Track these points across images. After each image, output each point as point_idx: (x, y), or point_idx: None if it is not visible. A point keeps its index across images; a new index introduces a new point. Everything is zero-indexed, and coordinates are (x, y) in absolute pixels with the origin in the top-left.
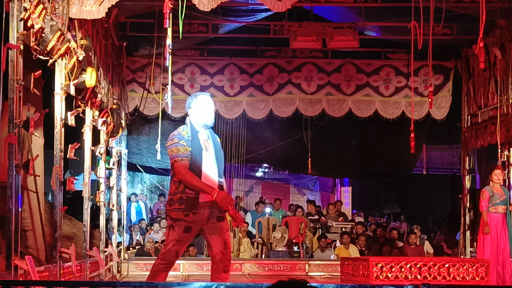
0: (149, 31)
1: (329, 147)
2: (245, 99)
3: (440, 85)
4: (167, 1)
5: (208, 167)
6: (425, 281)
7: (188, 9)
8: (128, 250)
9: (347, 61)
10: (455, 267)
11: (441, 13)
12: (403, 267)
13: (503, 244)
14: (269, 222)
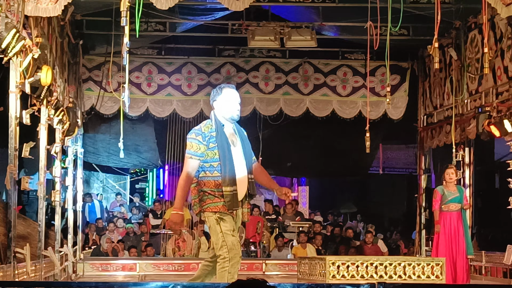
0: (106, 30)
1: (285, 147)
2: (203, 99)
3: (397, 85)
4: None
5: (238, 163)
6: (381, 280)
7: (145, 7)
8: (83, 250)
9: (304, 60)
10: (410, 266)
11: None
12: (359, 266)
13: (456, 242)
14: None
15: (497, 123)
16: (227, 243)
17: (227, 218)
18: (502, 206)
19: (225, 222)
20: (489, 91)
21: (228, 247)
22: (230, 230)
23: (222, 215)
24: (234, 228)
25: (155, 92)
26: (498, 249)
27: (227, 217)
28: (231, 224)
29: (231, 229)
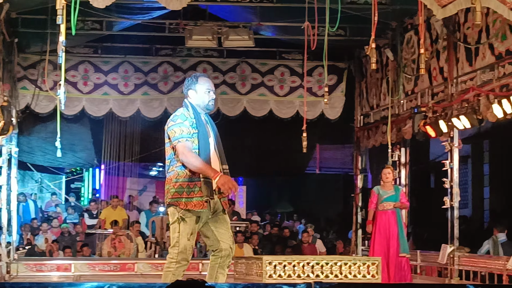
0: (41, 28)
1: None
2: (140, 98)
3: (334, 85)
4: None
5: (212, 153)
6: (317, 280)
7: (82, 5)
8: (18, 250)
9: (242, 60)
10: (347, 266)
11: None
12: (296, 265)
13: (391, 241)
14: (162, 222)
15: (433, 124)
16: (180, 245)
17: (188, 220)
18: (437, 205)
19: (185, 223)
20: (425, 92)
21: (179, 249)
22: (188, 233)
23: (186, 215)
24: (194, 232)
25: (91, 91)
26: (433, 249)
27: (190, 218)
28: (191, 227)
29: (189, 232)
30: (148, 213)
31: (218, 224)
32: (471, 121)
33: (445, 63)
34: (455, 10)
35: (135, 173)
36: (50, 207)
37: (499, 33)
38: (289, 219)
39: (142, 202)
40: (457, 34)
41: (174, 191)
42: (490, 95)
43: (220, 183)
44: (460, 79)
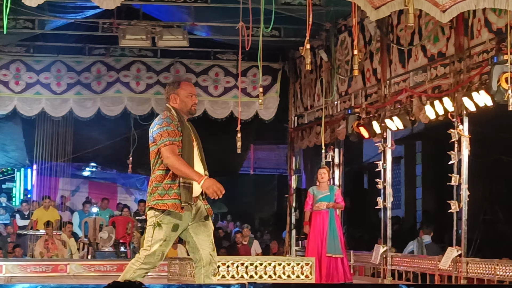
0: None
1: None
2: (73, 97)
3: (268, 86)
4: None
5: (195, 158)
6: (251, 280)
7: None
8: None
9: (176, 60)
10: (281, 266)
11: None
12: (230, 266)
13: (323, 241)
14: (95, 222)
15: (366, 125)
16: (150, 249)
17: (164, 226)
18: (370, 206)
19: (160, 229)
20: (359, 93)
21: (149, 252)
22: (161, 239)
23: (163, 221)
24: (168, 239)
25: (23, 91)
26: (366, 249)
27: (166, 225)
28: (165, 234)
29: (163, 239)
30: (81, 213)
31: (199, 231)
32: (404, 122)
33: (379, 65)
34: (388, 12)
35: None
36: None
37: (432, 35)
38: (223, 219)
39: (74, 202)
40: (390, 35)
41: (156, 194)
42: (422, 97)
43: (205, 186)
44: (393, 80)
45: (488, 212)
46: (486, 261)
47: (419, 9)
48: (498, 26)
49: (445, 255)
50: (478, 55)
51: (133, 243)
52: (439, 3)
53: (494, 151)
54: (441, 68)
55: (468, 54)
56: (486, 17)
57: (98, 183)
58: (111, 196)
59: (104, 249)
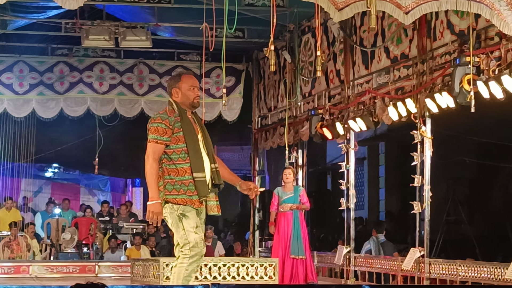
0: None
1: (120, 147)
2: (35, 98)
3: (232, 87)
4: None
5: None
6: (215, 281)
7: None
8: None
9: (139, 61)
10: (244, 267)
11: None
12: None
13: (286, 242)
14: (58, 223)
15: (330, 126)
16: (190, 241)
17: (189, 214)
18: (334, 207)
19: (187, 218)
20: (322, 94)
21: (191, 244)
22: (193, 227)
23: (185, 210)
24: (198, 224)
25: None
26: (329, 249)
27: (190, 212)
28: (194, 220)
29: (194, 226)
30: (44, 214)
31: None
32: (367, 123)
33: (342, 66)
34: (352, 13)
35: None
36: None
37: (394, 36)
38: None
39: (37, 203)
40: (353, 37)
41: (172, 189)
42: (385, 98)
43: (149, 208)
44: (357, 81)
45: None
46: (448, 262)
47: (382, 10)
48: (460, 28)
49: (408, 255)
50: (441, 56)
51: (96, 244)
52: (402, 5)
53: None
54: (404, 69)
55: (430, 56)
56: (449, 19)
57: (61, 184)
58: (74, 197)
59: (67, 250)
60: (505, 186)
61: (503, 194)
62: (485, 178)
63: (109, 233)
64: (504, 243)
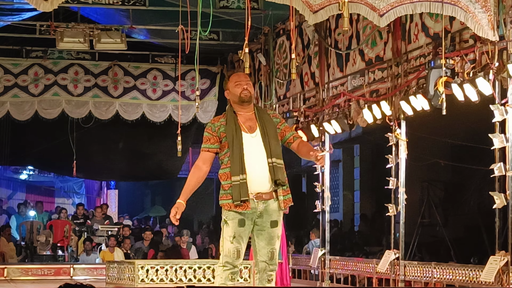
0: None
1: (95, 150)
2: (10, 100)
3: (207, 89)
4: None
5: (253, 149)
6: (190, 284)
7: None
8: None
9: (114, 63)
10: None
11: (208, 18)
12: (168, 270)
13: None
14: (32, 225)
15: (304, 128)
16: (224, 249)
17: (230, 222)
18: (309, 209)
19: (227, 226)
20: (297, 97)
21: (224, 253)
22: (231, 236)
23: (228, 217)
24: (236, 234)
25: None
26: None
27: (232, 221)
28: (233, 230)
29: (232, 235)
30: (18, 217)
31: (261, 236)
32: (342, 126)
33: (317, 69)
34: (326, 16)
35: (5, 176)
36: None
37: (369, 39)
38: (162, 222)
39: (12, 206)
40: (328, 40)
41: (221, 193)
42: (360, 101)
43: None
44: (331, 84)
45: (425, 215)
46: (423, 264)
47: (357, 13)
48: (435, 31)
49: (383, 258)
50: (415, 59)
51: (71, 246)
52: (376, 8)
53: (431, 155)
54: (379, 72)
55: (405, 59)
56: (423, 21)
57: (36, 186)
58: (48, 200)
59: (42, 252)
60: (479, 189)
61: (478, 196)
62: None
63: (84, 236)
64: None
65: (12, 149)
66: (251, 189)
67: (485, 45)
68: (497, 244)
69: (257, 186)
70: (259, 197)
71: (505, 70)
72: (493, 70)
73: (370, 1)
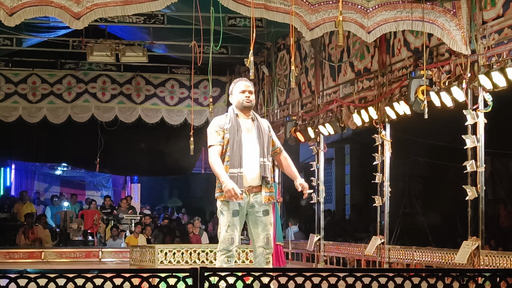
0: None
1: (120, 149)
2: (46, 106)
3: (217, 96)
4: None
5: (249, 147)
6: (203, 265)
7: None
8: None
9: (137, 74)
10: None
11: (218, 35)
12: (184, 253)
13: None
14: (66, 215)
15: (302, 130)
16: (220, 236)
17: (225, 213)
18: (307, 200)
19: (223, 216)
20: (296, 103)
21: (220, 239)
22: (225, 225)
23: (223, 208)
24: (230, 223)
25: (2, 100)
26: (302, 238)
27: (227, 212)
28: (227, 220)
29: (226, 224)
30: (53, 207)
31: (256, 224)
32: (334, 128)
33: (313, 78)
34: (321, 33)
35: (42, 172)
36: None
37: (358, 53)
38: (178, 212)
39: (48, 197)
40: (322, 53)
41: (217, 187)
42: (350, 106)
43: (225, 189)
44: (325, 92)
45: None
46: (405, 248)
47: (347, 30)
48: (415, 46)
49: (370, 242)
50: (398, 70)
51: (100, 233)
52: (365, 25)
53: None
54: (367, 81)
55: (389, 70)
56: (405, 37)
57: (69, 180)
58: (80, 192)
59: (74, 238)
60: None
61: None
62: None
63: (111, 224)
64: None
65: (49, 148)
66: (244, 183)
67: (459, 58)
68: (469, 230)
69: (249, 180)
70: (250, 190)
71: (476, 80)
72: (466, 80)
73: (359, 20)
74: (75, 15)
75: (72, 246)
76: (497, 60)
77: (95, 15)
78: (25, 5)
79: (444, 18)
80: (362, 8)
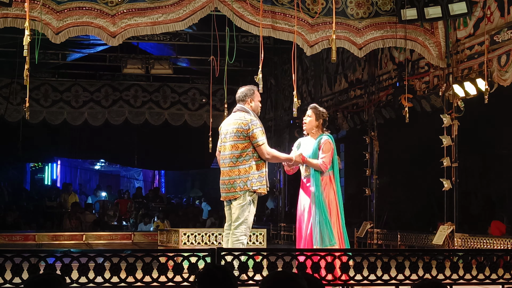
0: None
1: (150, 147)
2: (87, 111)
3: (231, 103)
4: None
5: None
6: (219, 246)
7: (43, 41)
8: None
9: (164, 84)
10: None
11: (232, 51)
12: (203, 236)
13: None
14: (104, 203)
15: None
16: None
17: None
18: None
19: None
20: (298, 109)
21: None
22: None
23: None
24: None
25: (50, 106)
26: None
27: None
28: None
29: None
30: (93, 197)
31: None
32: (331, 130)
33: (313, 87)
34: (320, 49)
35: (84, 167)
36: None
37: (351, 66)
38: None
39: (89, 188)
40: (321, 66)
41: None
42: (344, 111)
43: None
44: (323, 99)
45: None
46: (391, 232)
47: (342, 47)
48: (399, 60)
49: (361, 227)
50: (385, 81)
51: (132, 218)
52: (356, 43)
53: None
54: (358, 90)
55: (377, 80)
56: (391, 53)
57: (106, 174)
58: (115, 184)
59: (110, 223)
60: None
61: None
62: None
63: (142, 211)
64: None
65: (89, 147)
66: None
67: (436, 70)
68: (445, 217)
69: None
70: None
71: (451, 89)
72: (442, 89)
73: (351, 38)
74: (111, 34)
75: (109, 230)
76: (468, 72)
77: (128, 34)
78: (69, 25)
79: (423, 37)
80: (354, 28)
